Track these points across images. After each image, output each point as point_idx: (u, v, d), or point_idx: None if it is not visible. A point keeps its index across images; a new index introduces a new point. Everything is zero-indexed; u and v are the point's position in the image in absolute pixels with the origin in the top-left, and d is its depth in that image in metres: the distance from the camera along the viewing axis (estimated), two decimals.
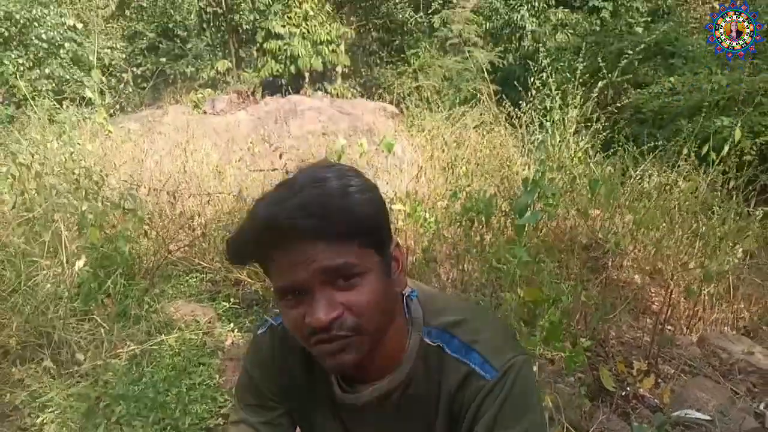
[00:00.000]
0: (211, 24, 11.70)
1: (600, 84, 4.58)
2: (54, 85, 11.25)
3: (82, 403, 2.35)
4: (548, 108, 5.42)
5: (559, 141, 4.39)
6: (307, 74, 10.56)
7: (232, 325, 3.31)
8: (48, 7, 11.90)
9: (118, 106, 8.63)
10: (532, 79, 5.73)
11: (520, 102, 5.77)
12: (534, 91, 5.57)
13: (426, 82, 10.04)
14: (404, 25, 12.68)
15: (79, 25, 12.12)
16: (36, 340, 2.72)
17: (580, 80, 5.01)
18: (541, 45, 11.94)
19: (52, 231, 3.04)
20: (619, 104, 4.64)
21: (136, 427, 2.25)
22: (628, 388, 2.71)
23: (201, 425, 2.36)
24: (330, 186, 0.81)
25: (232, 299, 3.51)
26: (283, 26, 10.30)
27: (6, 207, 3.31)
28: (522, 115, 5.50)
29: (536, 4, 12.55)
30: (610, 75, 4.73)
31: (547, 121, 5.05)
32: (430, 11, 12.61)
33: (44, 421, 2.29)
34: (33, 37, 11.44)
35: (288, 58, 10.29)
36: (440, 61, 11.07)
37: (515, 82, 6.44)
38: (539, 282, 2.34)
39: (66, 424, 2.27)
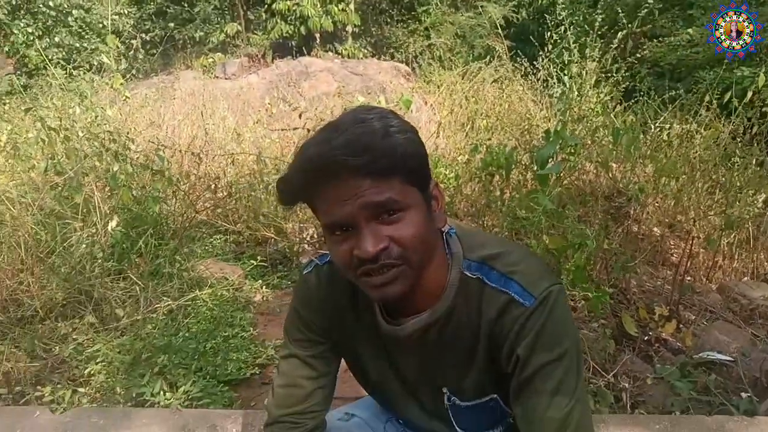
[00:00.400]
0: None
1: (619, 35, 4.51)
2: (64, 53, 11.21)
3: (126, 355, 2.46)
4: (566, 62, 5.36)
5: (578, 94, 4.36)
6: (317, 35, 10.42)
7: (260, 282, 3.41)
8: None
9: (128, 71, 8.60)
10: (548, 33, 5.66)
11: (536, 57, 5.71)
12: (550, 46, 5.51)
13: (438, 40, 9.90)
14: None
15: None
16: (77, 296, 2.82)
17: (598, 32, 4.95)
18: None
19: (84, 193, 3.12)
20: (638, 55, 4.58)
21: (179, 376, 2.35)
22: (650, 333, 2.77)
23: (240, 374, 2.46)
24: (373, 126, 0.86)
25: (258, 258, 3.60)
26: None
27: (37, 171, 3.39)
28: (539, 70, 5.45)
29: None
30: (630, 26, 4.66)
31: (565, 75, 5.01)
32: None
33: (92, 372, 2.40)
34: (41, 5, 11.35)
35: (297, 18, 10.14)
36: (452, 17, 10.86)
37: (530, 37, 6.35)
38: (563, 230, 2.38)
39: (112, 375, 2.39)
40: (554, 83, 5.01)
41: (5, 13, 10.77)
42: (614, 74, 4.36)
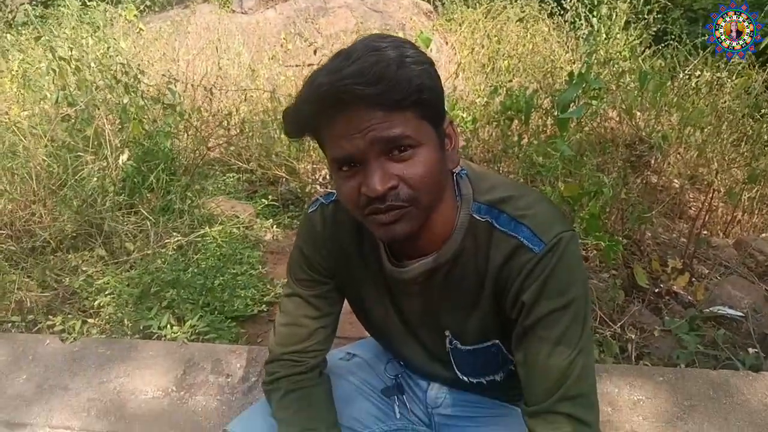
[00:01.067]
0: None
1: None
2: None
3: (135, 288, 2.49)
4: (595, 2, 5.12)
5: (606, 36, 4.17)
6: None
7: (270, 221, 3.41)
8: None
9: (144, 4, 8.42)
10: None
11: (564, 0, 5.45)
12: None
13: None
14: None
15: None
16: (88, 229, 2.84)
17: None
18: None
19: (95, 126, 3.09)
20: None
21: (186, 310, 2.38)
22: (662, 286, 2.73)
23: (248, 310, 2.49)
24: (387, 55, 0.80)
25: (270, 197, 3.59)
26: None
27: (49, 102, 3.36)
28: (567, 10, 5.21)
29: None
30: None
31: (594, 16, 4.78)
32: None
33: (101, 304, 2.44)
34: None
35: None
36: None
37: None
38: (580, 178, 2.31)
39: (121, 307, 2.42)
40: (582, 24, 4.79)
41: None
42: (645, 16, 4.13)
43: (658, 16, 4.20)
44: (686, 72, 3.50)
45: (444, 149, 0.90)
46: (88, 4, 6.29)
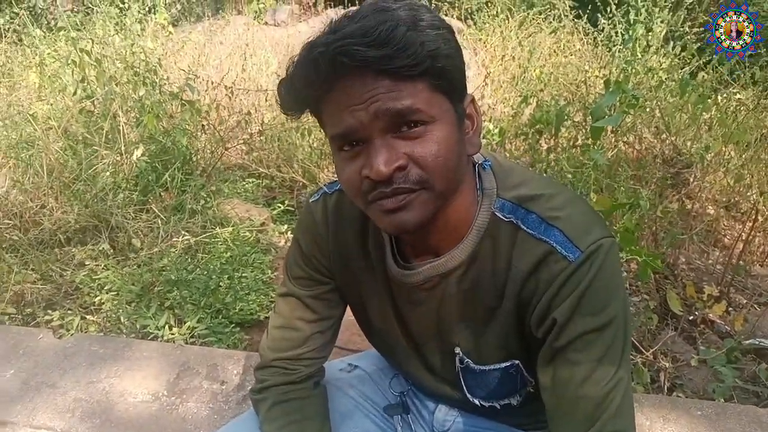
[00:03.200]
0: None
1: None
2: None
3: (136, 285, 2.38)
4: (632, 21, 4.97)
5: (642, 52, 4.00)
6: None
7: (285, 227, 3.29)
8: None
9: (180, 13, 8.54)
10: None
11: (599, 19, 5.32)
12: (614, 6, 5.11)
13: None
14: None
15: None
16: (96, 223, 2.76)
17: None
18: None
19: (111, 120, 3.04)
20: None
21: (188, 311, 2.27)
22: (696, 313, 2.55)
23: (251, 316, 2.36)
24: (397, 15, 0.67)
25: (286, 202, 3.48)
26: None
27: (68, 94, 3.32)
28: (602, 30, 5.08)
29: None
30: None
31: (629, 34, 4.63)
32: None
33: (102, 300, 2.35)
34: None
35: None
36: None
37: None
38: (614, 190, 2.14)
39: (121, 305, 2.32)
40: (617, 41, 4.64)
41: None
42: (686, 31, 3.96)
43: (699, 33, 4.02)
44: (728, 90, 3.31)
45: (463, 130, 0.77)
46: (125, 12, 6.37)
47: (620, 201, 2.01)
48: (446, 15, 9.92)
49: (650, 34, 4.66)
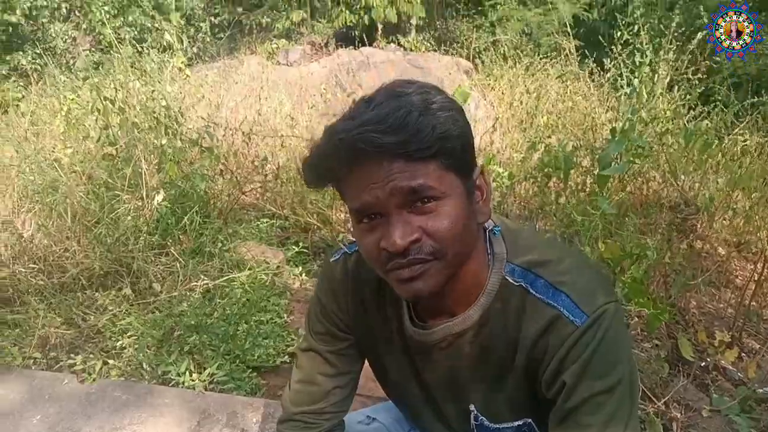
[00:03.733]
0: None
1: (699, 35, 4.21)
2: (136, 33, 11.58)
3: (158, 330, 2.44)
4: (637, 63, 5.07)
5: (648, 97, 4.10)
6: (380, 26, 10.36)
7: (300, 269, 3.36)
8: None
9: (195, 54, 8.80)
10: (618, 33, 5.37)
11: (605, 60, 5.43)
12: (620, 46, 5.22)
13: (504, 37, 9.63)
14: None
15: None
16: (117, 267, 2.84)
17: (675, 34, 4.63)
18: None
19: (133, 166, 3.14)
20: (717, 59, 4.25)
21: (207, 357, 2.32)
22: (708, 359, 2.56)
23: (269, 361, 2.41)
24: (410, 100, 0.75)
25: (301, 244, 3.55)
26: None
27: (91, 140, 3.44)
28: (607, 71, 5.18)
29: None
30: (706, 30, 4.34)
31: (635, 77, 4.73)
32: None
33: (123, 345, 2.40)
34: None
35: (362, 8, 10.10)
36: (519, 13, 10.55)
37: (600, 38, 6.05)
38: (621, 238, 2.20)
39: (142, 350, 2.38)
40: (623, 84, 4.74)
41: None
42: (690, 77, 4.06)
43: (703, 77, 4.12)
44: (733, 134, 3.38)
45: (473, 201, 0.84)
46: (143, 53, 6.59)
47: (628, 249, 2.06)
48: (455, 54, 10.15)
49: (656, 75, 4.76)
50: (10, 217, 3.09)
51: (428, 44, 10.82)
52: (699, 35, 4.24)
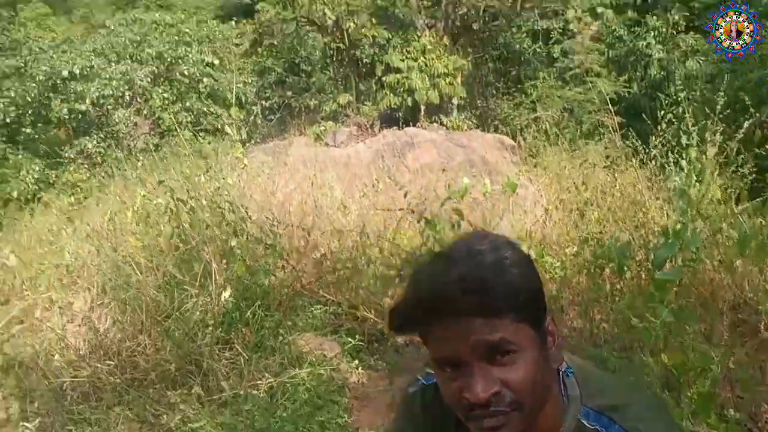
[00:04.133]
0: (334, 59, 12.29)
1: (746, 124, 4.25)
2: (193, 117, 12.35)
3: None
4: (684, 145, 5.09)
5: (696, 184, 4.11)
6: (423, 107, 10.75)
7: (356, 362, 3.42)
8: (190, 46, 13.16)
9: (248, 136, 9.30)
10: (662, 112, 5.43)
11: (649, 135, 5.47)
12: (664, 125, 5.28)
13: (545, 114, 9.86)
14: (522, 55, 12.58)
15: (216, 62, 13.25)
16: (187, 366, 2.97)
17: (719, 115, 4.67)
18: (670, 73, 11.31)
19: (202, 262, 3.34)
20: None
21: None
22: None
23: None
24: (486, 260, 0.85)
25: (356, 336, 3.63)
26: (402, 60, 10.61)
27: (164, 237, 3.67)
28: (652, 149, 5.21)
29: (663, 29, 11.95)
30: (757, 114, 4.37)
31: (682, 159, 4.75)
32: (550, 41, 12.41)
33: None
34: (177, 74, 12.66)
35: (405, 91, 10.54)
36: (559, 91, 10.82)
37: (642, 114, 6.12)
38: (683, 346, 2.21)
39: None
40: (671, 170, 4.76)
41: (148, 81, 12.09)
42: (739, 166, 4.08)
43: (754, 167, 4.13)
44: None
45: (546, 348, 0.91)
46: (200, 137, 7.03)
47: (691, 358, 2.06)
48: (497, 131, 10.39)
49: (704, 156, 4.76)
50: (88, 313, 3.29)
51: (470, 123, 11.14)
52: (746, 123, 4.28)
